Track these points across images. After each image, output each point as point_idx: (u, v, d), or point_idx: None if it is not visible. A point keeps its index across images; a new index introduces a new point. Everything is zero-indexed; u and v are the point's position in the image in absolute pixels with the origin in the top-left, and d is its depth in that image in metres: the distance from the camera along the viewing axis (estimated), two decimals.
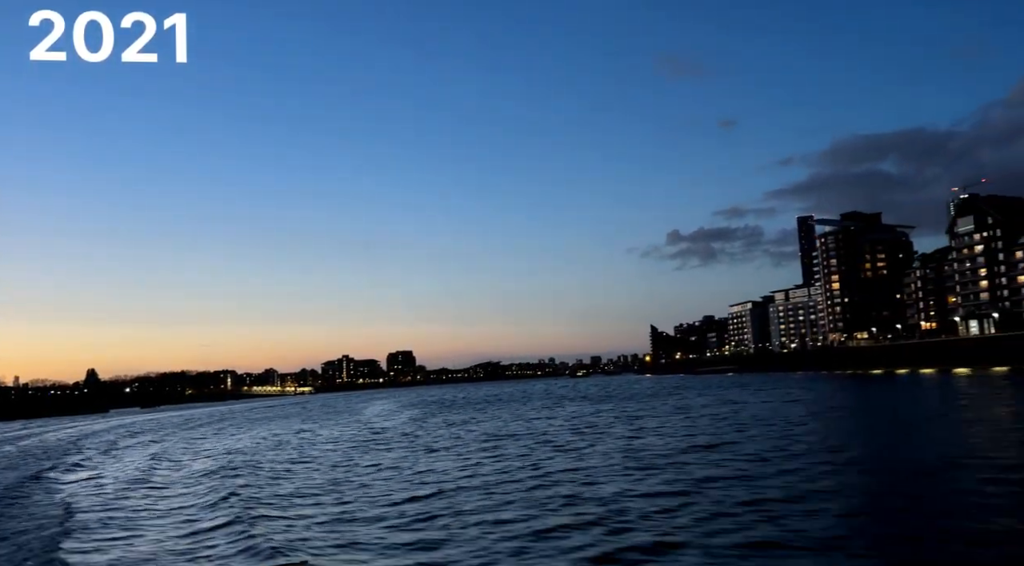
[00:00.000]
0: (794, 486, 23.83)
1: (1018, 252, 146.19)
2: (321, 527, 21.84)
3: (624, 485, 26.05)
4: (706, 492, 23.68)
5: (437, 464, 36.13)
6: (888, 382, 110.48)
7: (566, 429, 53.28)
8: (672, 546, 17.29)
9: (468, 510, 23.03)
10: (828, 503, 21.09)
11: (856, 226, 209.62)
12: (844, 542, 16.91)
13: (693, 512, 20.72)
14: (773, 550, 16.52)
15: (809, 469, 27.27)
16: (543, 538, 18.77)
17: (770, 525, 18.71)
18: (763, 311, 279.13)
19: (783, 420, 49.58)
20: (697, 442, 38.88)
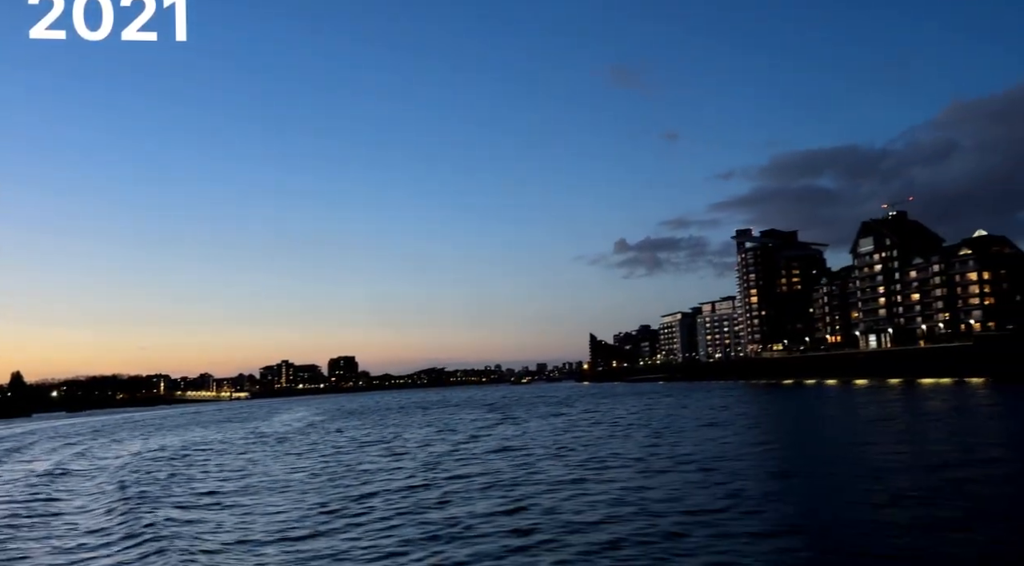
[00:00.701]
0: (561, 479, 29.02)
1: (912, 272, 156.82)
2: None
3: (394, 484, 30.92)
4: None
5: (267, 465, 41.20)
6: (792, 391, 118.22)
7: (419, 437, 58.77)
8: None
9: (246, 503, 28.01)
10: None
11: (774, 243, 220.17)
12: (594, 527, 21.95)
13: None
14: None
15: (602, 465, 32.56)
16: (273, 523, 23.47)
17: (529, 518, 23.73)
18: (691, 322, 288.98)
19: (634, 424, 55.40)
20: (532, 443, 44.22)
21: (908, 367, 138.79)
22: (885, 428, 48.59)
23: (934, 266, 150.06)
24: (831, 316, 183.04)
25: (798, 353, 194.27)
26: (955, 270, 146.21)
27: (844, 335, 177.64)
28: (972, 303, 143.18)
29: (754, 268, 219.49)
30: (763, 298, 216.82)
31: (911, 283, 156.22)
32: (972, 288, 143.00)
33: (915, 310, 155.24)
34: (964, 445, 36.35)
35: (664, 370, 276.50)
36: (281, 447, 55.96)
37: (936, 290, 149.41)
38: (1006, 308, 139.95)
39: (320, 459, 44.64)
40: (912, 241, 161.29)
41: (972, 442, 37.65)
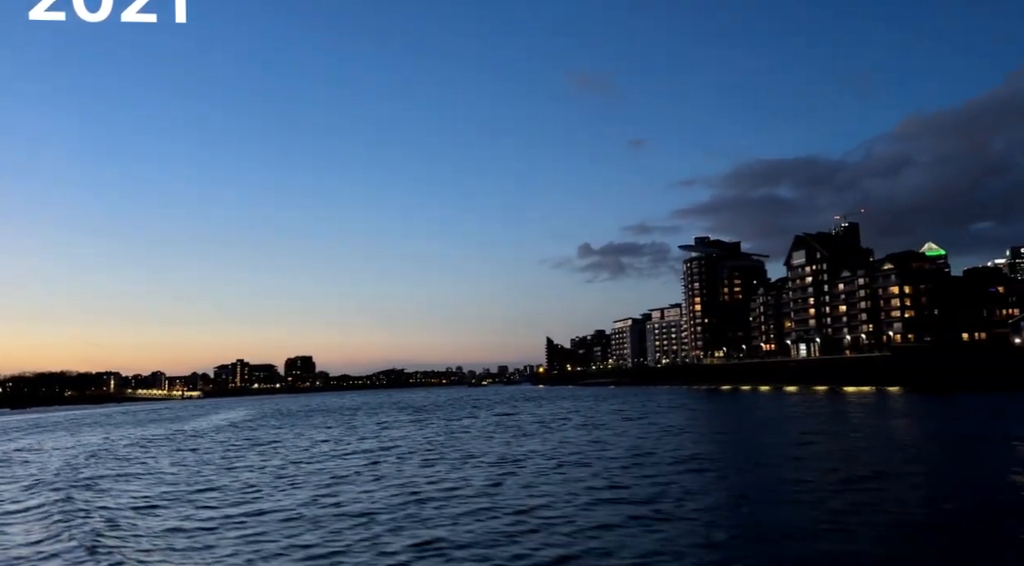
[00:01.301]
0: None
1: (840, 285, 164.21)
2: None
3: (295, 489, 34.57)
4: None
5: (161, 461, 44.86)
6: (726, 397, 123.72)
7: (333, 435, 62.44)
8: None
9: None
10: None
11: (718, 253, 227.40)
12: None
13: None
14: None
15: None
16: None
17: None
18: (642, 328, 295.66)
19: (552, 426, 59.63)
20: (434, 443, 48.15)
21: (834, 375, 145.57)
22: (776, 428, 53.44)
23: (860, 279, 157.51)
24: (767, 325, 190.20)
25: (736, 360, 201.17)
26: (879, 284, 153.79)
27: (778, 344, 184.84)
28: (894, 316, 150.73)
29: (698, 277, 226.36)
30: (706, 307, 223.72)
31: (839, 295, 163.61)
32: (894, 301, 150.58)
33: (842, 321, 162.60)
34: (833, 443, 41.12)
35: (615, 374, 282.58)
36: (167, 446, 58.87)
37: (861, 302, 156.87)
38: (924, 321, 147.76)
39: (188, 458, 47.86)
40: (842, 255, 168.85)
41: (840, 442, 42.46)
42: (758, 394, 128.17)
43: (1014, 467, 31.27)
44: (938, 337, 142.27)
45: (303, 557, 19.54)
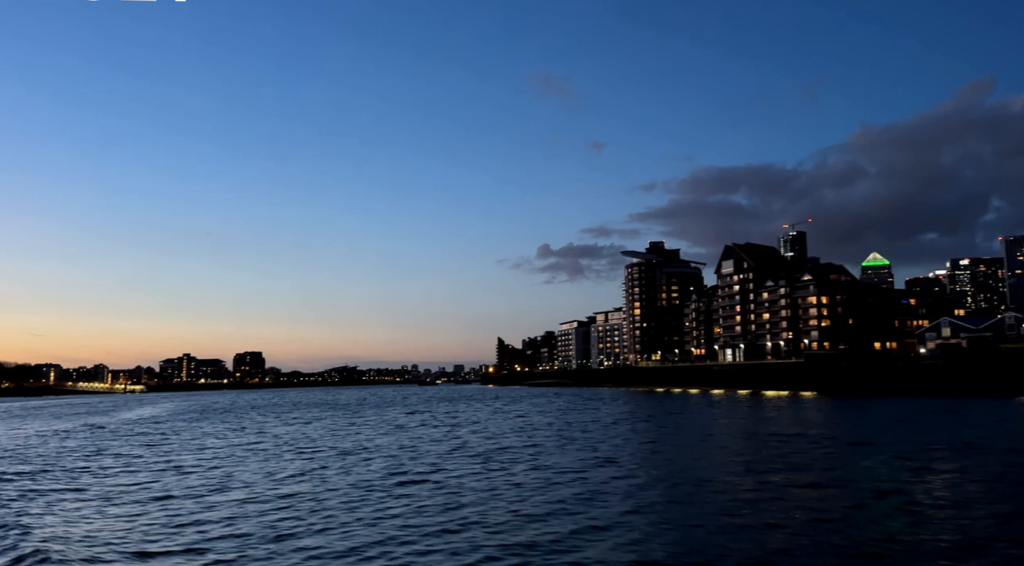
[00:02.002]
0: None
1: (764, 294, 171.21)
2: None
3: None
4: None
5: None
6: (657, 398, 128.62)
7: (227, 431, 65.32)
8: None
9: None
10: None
11: (657, 259, 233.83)
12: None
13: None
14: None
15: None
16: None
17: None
18: (586, 330, 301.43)
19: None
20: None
21: (755, 380, 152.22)
22: (666, 427, 57.82)
23: (781, 289, 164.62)
24: (698, 330, 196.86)
25: (670, 364, 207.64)
26: (798, 294, 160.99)
27: (708, 348, 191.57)
28: (811, 324, 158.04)
29: (638, 283, 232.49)
30: (645, 311, 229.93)
31: (763, 303, 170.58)
32: (812, 311, 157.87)
33: (765, 328, 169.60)
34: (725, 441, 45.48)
35: (560, 376, 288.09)
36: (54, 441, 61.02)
37: (782, 311, 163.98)
38: (839, 329, 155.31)
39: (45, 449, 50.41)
40: (768, 265, 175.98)
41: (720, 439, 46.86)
42: (688, 396, 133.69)
43: (827, 464, 35.78)
44: (852, 345, 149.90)
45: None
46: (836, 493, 26.56)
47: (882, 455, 37.12)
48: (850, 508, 23.56)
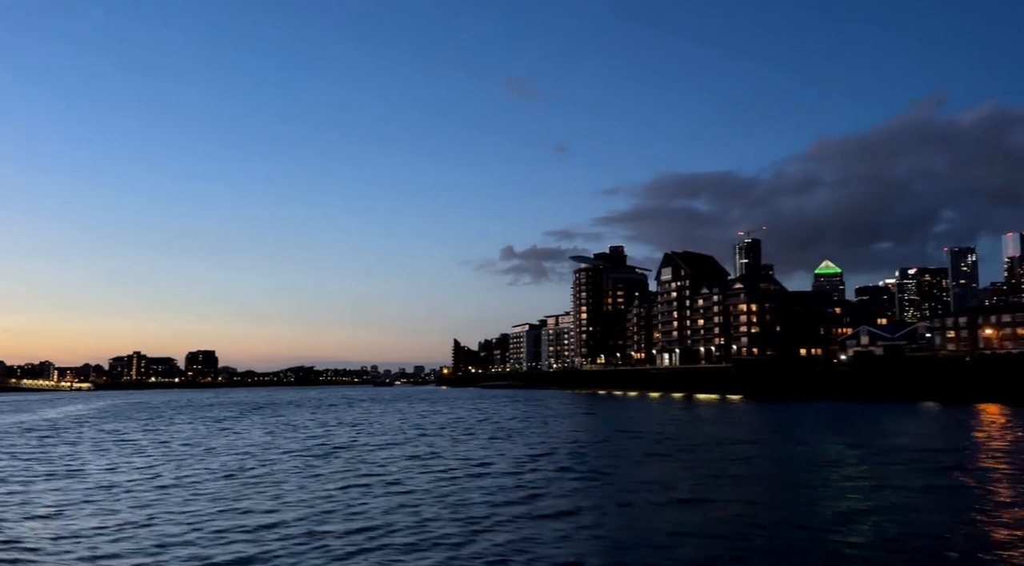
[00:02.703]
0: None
1: (699, 300, 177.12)
2: None
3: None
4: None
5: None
6: (598, 399, 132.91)
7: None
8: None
9: None
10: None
11: (604, 265, 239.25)
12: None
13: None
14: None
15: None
16: None
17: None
18: (537, 333, 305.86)
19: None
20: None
21: (689, 383, 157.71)
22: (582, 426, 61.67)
23: (715, 296, 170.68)
24: (639, 335, 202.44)
25: (613, 367, 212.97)
26: (730, 301, 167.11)
27: (647, 352, 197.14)
28: (742, 331, 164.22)
29: (585, 288, 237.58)
30: (591, 315, 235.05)
31: (698, 310, 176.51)
32: (742, 318, 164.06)
33: (700, 334, 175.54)
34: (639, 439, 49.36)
35: (510, 377, 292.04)
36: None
37: (715, 318, 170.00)
38: (768, 336, 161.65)
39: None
40: (704, 273, 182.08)
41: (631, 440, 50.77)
42: (627, 398, 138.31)
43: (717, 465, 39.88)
44: (779, 351, 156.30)
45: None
46: (686, 485, 30.59)
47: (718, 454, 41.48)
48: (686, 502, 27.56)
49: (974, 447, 43.82)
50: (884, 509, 24.45)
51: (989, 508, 24.47)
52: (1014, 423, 62.10)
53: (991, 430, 55.63)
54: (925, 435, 53.14)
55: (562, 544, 20.03)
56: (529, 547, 19.62)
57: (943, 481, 30.18)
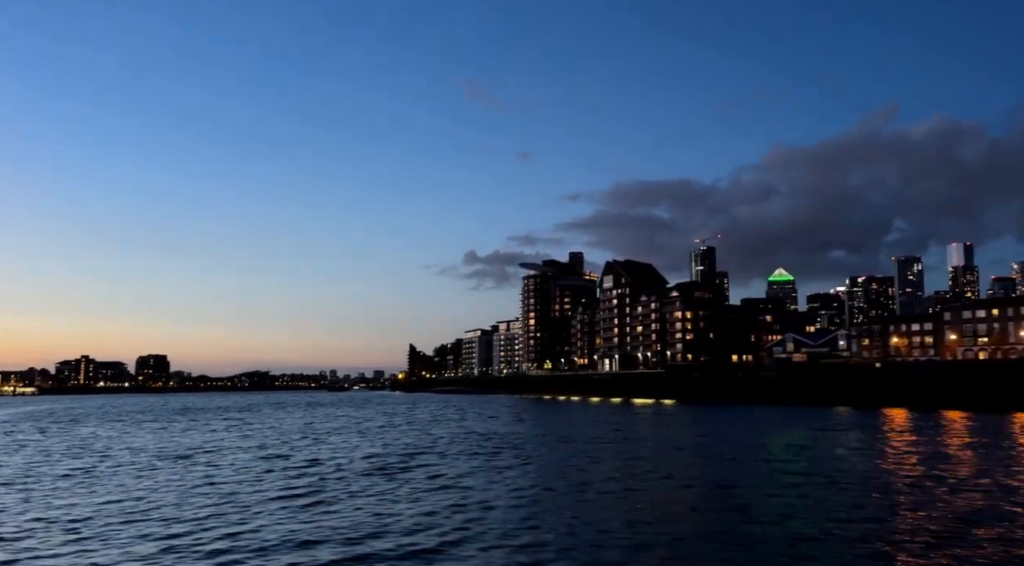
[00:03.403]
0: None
1: (639, 308, 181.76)
2: None
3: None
4: None
5: None
6: (543, 404, 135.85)
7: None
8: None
9: None
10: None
11: (552, 272, 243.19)
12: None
13: None
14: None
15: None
16: None
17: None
18: (489, 338, 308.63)
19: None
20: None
21: (627, 388, 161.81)
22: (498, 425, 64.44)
23: (652, 304, 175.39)
24: (582, 341, 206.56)
25: (559, 372, 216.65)
26: (667, 308, 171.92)
27: (590, 358, 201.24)
28: (677, 337, 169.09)
29: (534, 294, 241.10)
30: (539, 322, 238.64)
31: (637, 317, 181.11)
32: (678, 325, 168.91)
33: (639, 340, 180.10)
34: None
35: (462, 382, 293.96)
36: None
37: (653, 324, 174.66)
38: (702, 342, 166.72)
39: None
40: (644, 281, 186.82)
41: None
42: (571, 403, 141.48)
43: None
44: (712, 357, 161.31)
45: None
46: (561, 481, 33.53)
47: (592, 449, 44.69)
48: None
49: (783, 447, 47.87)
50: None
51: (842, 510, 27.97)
52: (899, 427, 66.65)
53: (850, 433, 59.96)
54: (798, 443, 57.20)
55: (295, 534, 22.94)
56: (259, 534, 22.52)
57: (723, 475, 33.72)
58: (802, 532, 21.52)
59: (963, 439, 51.86)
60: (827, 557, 18.99)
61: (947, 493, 28.48)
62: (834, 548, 19.88)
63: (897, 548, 19.73)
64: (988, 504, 26.01)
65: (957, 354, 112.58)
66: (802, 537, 21.03)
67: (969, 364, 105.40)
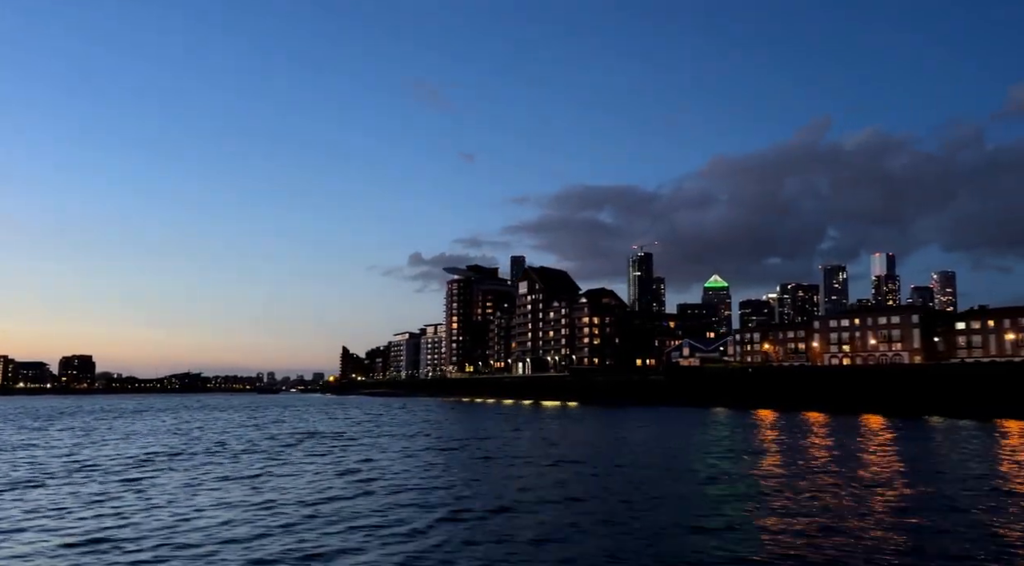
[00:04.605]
0: None
1: (551, 313, 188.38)
2: None
3: None
4: None
5: None
6: (456, 406, 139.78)
7: None
8: None
9: None
10: None
11: (475, 277, 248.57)
12: None
13: None
14: None
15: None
16: None
17: None
18: (417, 341, 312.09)
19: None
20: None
21: (537, 391, 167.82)
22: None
23: (563, 309, 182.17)
24: (499, 345, 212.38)
25: (478, 375, 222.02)
26: (576, 314, 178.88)
27: (506, 361, 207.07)
28: (585, 342, 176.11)
29: (457, 298, 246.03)
30: (461, 325, 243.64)
31: (549, 322, 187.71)
32: (585, 330, 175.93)
33: (550, 344, 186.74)
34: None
35: (389, 385, 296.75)
36: None
37: (563, 329, 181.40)
38: (608, 347, 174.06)
39: None
40: (557, 287, 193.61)
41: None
42: (487, 405, 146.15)
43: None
44: (618, 362, 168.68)
45: None
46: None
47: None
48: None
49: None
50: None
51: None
52: (738, 422, 73.60)
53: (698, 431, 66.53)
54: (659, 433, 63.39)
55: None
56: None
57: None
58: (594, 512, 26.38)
59: (818, 438, 55.61)
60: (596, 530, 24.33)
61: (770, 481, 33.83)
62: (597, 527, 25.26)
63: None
64: (830, 492, 29.31)
65: (824, 360, 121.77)
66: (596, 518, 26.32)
67: (826, 370, 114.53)
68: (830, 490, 29.43)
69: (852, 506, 25.85)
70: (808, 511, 24.88)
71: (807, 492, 28.84)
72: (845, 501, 26.93)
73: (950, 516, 23.88)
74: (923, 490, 29.32)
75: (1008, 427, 65.42)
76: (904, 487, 30.21)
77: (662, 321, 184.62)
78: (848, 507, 25.66)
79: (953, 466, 37.52)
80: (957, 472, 35.04)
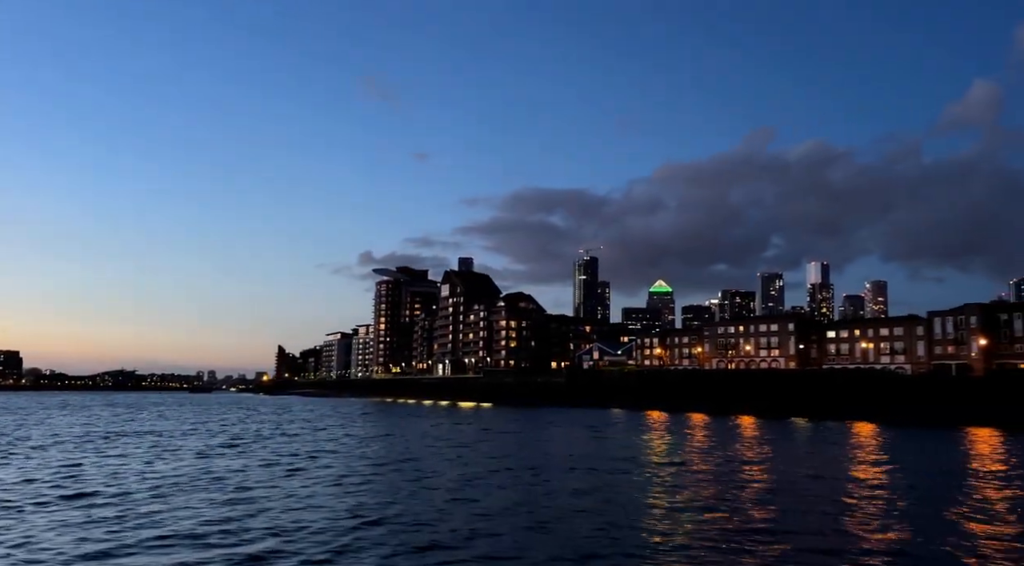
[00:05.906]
0: None
1: (471, 316, 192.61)
2: None
3: None
4: None
5: None
6: (379, 406, 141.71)
7: None
8: None
9: None
10: None
11: (405, 278, 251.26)
12: None
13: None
14: None
15: None
16: None
17: None
18: (349, 342, 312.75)
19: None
20: None
21: (454, 392, 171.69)
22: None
23: (482, 313, 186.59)
24: (422, 346, 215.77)
25: (403, 376, 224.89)
26: (494, 317, 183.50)
27: (428, 363, 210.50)
28: (502, 345, 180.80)
29: (385, 300, 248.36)
30: (389, 326, 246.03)
31: (469, 324, 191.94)
32: (503, 333, 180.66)
33: (470, 346, 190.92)
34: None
35: (320, 385, 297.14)
36: None
37: (482, 332, 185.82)
38: (524, 349, 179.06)
39: None
40: (478, 290, 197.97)
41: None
42: (408, 405, 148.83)
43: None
44: (533, 364, 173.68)
45: None
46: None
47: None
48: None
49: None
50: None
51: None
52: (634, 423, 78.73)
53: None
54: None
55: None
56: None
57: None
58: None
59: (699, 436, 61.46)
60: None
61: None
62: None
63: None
64: (710, 483, 35.73)
65: (712, 365, 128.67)
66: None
67: (708, 373, 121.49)
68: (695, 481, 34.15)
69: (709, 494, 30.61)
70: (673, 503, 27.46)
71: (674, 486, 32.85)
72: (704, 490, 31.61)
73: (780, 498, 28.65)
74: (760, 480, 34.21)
75: (858, 429, 70.37)
76: (747, 479, 33.60)
77: (579, 326, 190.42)
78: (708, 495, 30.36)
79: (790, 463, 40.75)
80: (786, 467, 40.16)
